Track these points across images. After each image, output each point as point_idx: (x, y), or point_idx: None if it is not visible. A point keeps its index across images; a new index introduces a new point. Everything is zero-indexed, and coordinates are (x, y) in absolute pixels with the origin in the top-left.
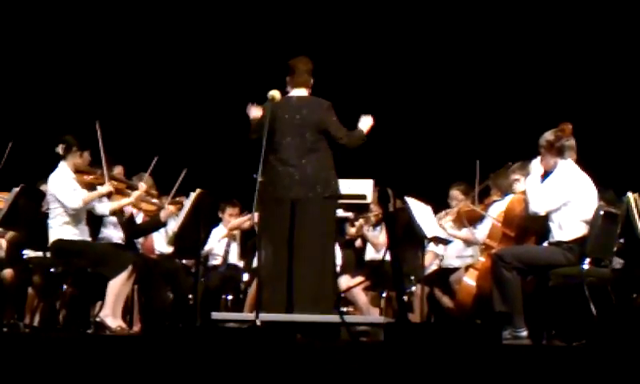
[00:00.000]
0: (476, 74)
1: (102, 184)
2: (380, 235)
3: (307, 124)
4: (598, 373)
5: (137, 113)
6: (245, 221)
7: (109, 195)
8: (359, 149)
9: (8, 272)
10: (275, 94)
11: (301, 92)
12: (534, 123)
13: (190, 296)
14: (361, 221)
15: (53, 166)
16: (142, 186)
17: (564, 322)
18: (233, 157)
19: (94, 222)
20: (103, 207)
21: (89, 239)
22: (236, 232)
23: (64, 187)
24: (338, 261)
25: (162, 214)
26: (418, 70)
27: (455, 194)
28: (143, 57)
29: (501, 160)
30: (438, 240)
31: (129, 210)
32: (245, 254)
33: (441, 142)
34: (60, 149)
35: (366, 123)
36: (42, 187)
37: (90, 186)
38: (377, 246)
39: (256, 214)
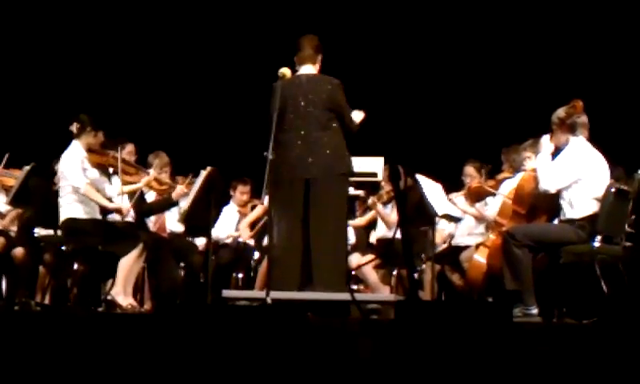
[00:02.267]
0: (488, 48)
1: (113, 166)
2: (391, 213)
3: (318, 102)
4: (609, 350)
5: (151, 91)
6: (259, 214)
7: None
8: (368, 128)
9: (19, 250)
10: (285, 71)
11: (308, 69)
12: (546, 101)
13: (201, 274)
14: (373, 198)
15: (66, 145)
16: (152, 173)
17: (575, 299)
18: (244, 134)
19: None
20: (112, 190)
21: (99, 217)
22: (247, 210)
23: (73, 166)
24: (352, 239)
25: (174, 194)
26: (428, 47)
27: (470, 170)
28: (156, 36)
29: (513, 137)
30: (448, 218)
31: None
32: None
33: (452, 118)
34: (74, 127)
35: (358, 116)
36: (56, 167)
37: (101, 167)
38: (389, 223)
39: (266, 196)
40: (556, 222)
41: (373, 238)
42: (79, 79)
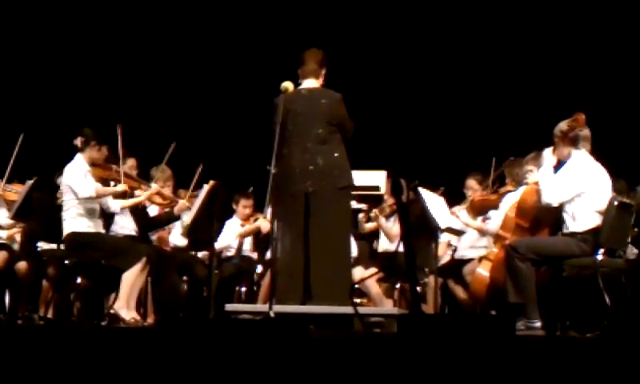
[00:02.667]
0: (490, 61)
1: (116, 180)
2: (394, 226)
3: (319, 116)
4: (612, 364)
5: (153, 105)
6: (257, 227)
7: (123, 194)
8: (370, 142)
9: (22, 264)
10: (288, 85)
11: (311, 83)
12: (549, 113)
13: (204, 288)
14: (376, 211)
15: (69, 159)
16: (154, 187)
17: (578, 312)
18: (247, 148)
19: (107, 214)
20: (114, 204)
21: (103, 231)
22: (249, 223)
23: (78, 176)
24: (354, 252)
25: (176, 209)
26: (430, 60)
27: (471, 183)
28: (159, 51)
29: (515, 149)
30: (451, 231)
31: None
32: (258, 245)
33: (454, 131)
34: (78, 141)
35: None
36: (59, 180)
37: (104, 181)
38: (391, 237)
39: (269, 209)
40: (559, 235)
41: (380, 247)
42: (82, 93)
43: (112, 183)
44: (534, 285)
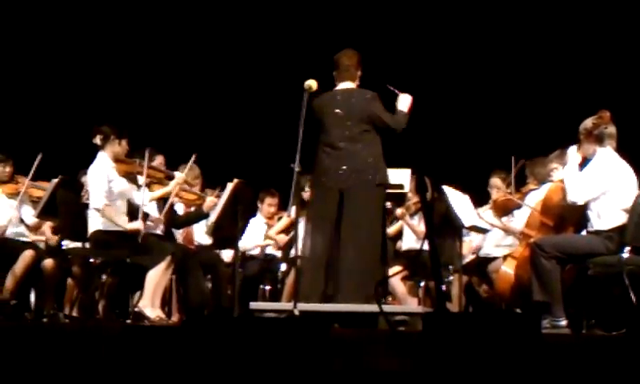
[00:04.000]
0: (515, 60)
1: (140, 173)
2: (419, 224)
3: (352, 115)
4: (638, 362)
5: (178, 103)
6: (286, 225)
7: (148, 185)
8: (398, 137)
9: (48, 262)
10: (312, 83)
11: (347, 85)
12: (574, 110)
13: (229, 286)
14: (402, 209)
15: (94, 157)
16: (180, 176)
17: (604, 311)
18: (272, 146)
19: (132, 212)
20: (141, 198)
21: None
22: (274, 222)
23: (98, 183)
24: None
25: (205, 206)
26: (455, 58)
27: (495, 181)
28: (183, 49)
29: (539, 147)
30: (475, 229)
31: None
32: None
33: (478, 129)
34: (98, 139)
35: (404, 102)
36: (83, 178)
37: (129, 176)
38: (417, 234)
39: (293, 207)
40: (584, 233)
41: (404, 246)
42: (107, 91)
43: (138, 177)
44: (559, 283)
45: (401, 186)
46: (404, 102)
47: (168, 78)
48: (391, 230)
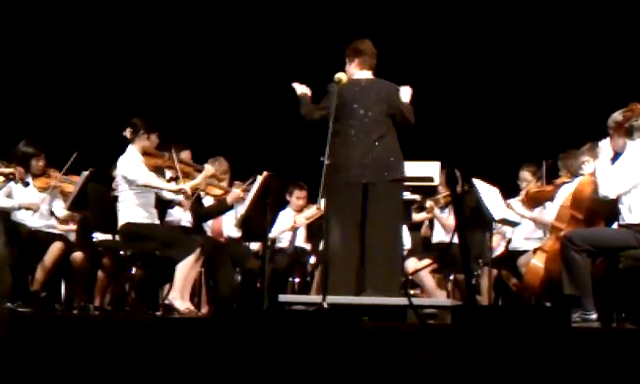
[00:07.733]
0: (545, 51)
1: (169, 167)
2: (449, 217)
3: (377, 107)
4: None
5: (208, 98)
6: (315, 215)
7: (175, 179)
8: (424, 132)
9: (78, 255)
10: (342, 76)
11: (367, 74)
12: (604, 103)
13: (258, 279)
14: (431, 202)
15: (123, 151)
16: (208, 169)
17: (634, 304)
18: (301, 139)
19: (162, 205)
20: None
21: (157, 222)
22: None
23: (131, 165)
24: (407, 244)
25: (229, 198)
26: (485, 50)
27: (525, 175)
28: (213, 44)
29: (570, 140)
30: (505, 222)
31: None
32: (311, 236)
33: (508, 122)
34: (127, 132)
35: (407, 94)
36: (114, 172)
37: (158, 169)
38: (447, 228)
39: (322, 200)
40: (615, 226)
41: (434, 238)
42: (136, 86)
43: (167, 171)
44: (589, 276)
45: (431, 179)
46: (406, 94)
47: (198, 74)
48: (418, 217)
